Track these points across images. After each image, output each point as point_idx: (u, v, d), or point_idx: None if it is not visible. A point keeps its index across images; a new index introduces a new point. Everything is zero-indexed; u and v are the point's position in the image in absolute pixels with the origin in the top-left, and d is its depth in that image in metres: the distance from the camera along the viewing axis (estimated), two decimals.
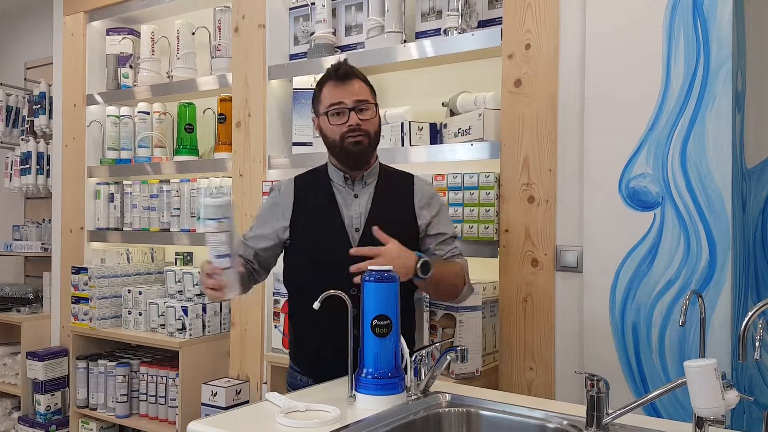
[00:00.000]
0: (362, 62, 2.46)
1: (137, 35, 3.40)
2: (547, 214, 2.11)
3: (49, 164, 3.88)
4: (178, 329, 2.87)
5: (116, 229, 3.37)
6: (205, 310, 2.92)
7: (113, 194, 3.38)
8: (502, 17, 2.24)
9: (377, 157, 1.89)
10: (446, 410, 1.51)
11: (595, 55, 2.01)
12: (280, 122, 2.82)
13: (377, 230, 1.67)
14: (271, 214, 1.89)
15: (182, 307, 2.87)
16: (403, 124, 2.42)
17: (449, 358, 1.48)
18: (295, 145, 2.71)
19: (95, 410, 3.08)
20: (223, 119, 3.00)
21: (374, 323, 1.44)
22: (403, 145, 2.41)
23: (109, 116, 3.39)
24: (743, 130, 1.95)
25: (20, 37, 4.47)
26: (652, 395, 1.27)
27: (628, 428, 1.31)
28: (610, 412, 1.28)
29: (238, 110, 2.86)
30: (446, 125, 2.40)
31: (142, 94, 3.29)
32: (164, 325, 2.92)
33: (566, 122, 2.09)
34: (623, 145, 1.94)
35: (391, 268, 1.48)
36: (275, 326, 2.62)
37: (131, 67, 3.40)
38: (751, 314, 1.17)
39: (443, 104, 2.46)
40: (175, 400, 2.84)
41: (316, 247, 1.81)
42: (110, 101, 3.43)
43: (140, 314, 3.03)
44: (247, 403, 2.69)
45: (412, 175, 1.93)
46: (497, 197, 2.20)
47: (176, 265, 3.25)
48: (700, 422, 1.22)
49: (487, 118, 2.24)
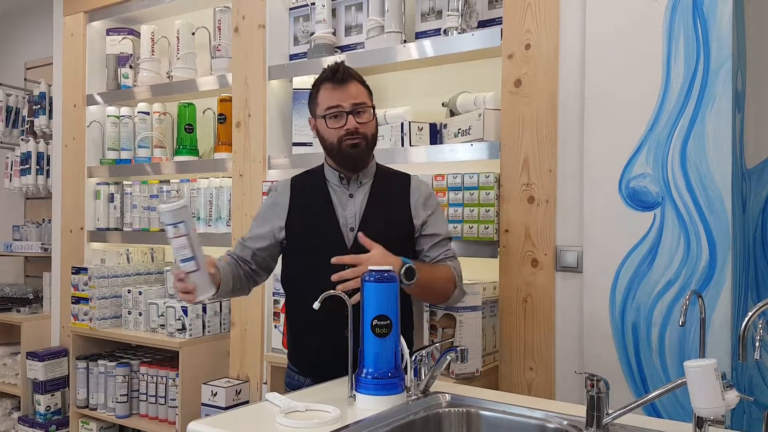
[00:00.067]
0: (362, 62, 2.46)
1: (137, 35, 3.40)
2: (547, 214, 2.11)
3: (49, 164, 3.88)
4: (178, 329, 2.87)
5: (116, 229, 3.37)
6: (205, 310, 2.92)
7: (113, 194, 3.38)
8: (502, 17, 2.24)
9: (374, 157, 1.90)
10: (446, 410, 1.51)
11: (595, 55, 2.01)
12: (280, 122, 2.82)
13: (362, 236, 1.67)
14: (268, 214, 1.90)
15: (182, 307, 2.87)
16: (402, 124, 2.42)
17: (449, 358, 1.48)
18: (295, 145, 2.71)
19: (95, 410, 3.08)
20: (223, 119, 3.00)
21: (374, 323, 1.44)
22: (403, 145, 2.41)
23: (109, 116, 3.39)
24: (743, 130, 1.95)
25: (20, 37, 4.47)
26: (652, 395, 1.27)
27: (628, 428, 1.31)
28: (610, 412, 1.28)
29: (238, 110, 2.86)
30: (446, 125, 2.40)
31: (142, 94, 3.29)
32: (164, 325, 2.92)
33: (566, 122, 2.09)
34: (623, 145, 1.94)
35: (390, 268, 1.48)
36: (275, 326, 2.62)
37: (131, 67, 3.40)
38: (751, 314, 1.17)
39: (443, 104, 2.45)
40: (175, 400, 2.84)
41: (311, 247, 1.82)
42: (110, 101, 3.43)
43: (140, 314, 3.03)
44: (247, 403, 2.69)
45: (409, 175, 1.93)
46: (497, 197, 2.20)
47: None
48: (700, 422, 1.22)
49: (487, 118, 2.23)
